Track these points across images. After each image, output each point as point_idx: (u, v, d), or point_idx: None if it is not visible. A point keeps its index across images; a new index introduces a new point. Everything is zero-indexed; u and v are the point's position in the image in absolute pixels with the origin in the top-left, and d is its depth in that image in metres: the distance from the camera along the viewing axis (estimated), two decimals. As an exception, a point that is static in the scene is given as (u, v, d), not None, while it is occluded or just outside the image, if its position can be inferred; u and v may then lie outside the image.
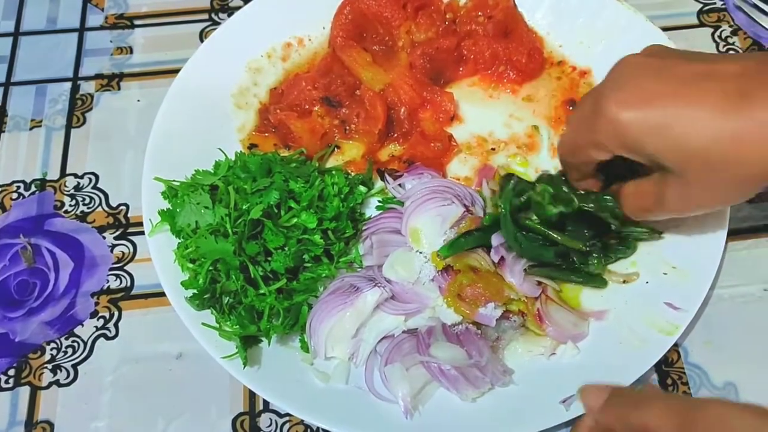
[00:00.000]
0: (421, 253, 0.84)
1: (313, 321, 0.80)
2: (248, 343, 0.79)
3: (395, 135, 0.97)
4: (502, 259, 0.83)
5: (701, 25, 1.09)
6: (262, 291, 0.79)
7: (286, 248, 0.80)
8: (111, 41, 1.09)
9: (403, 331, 0.81)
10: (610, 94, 0.68)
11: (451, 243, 0.82)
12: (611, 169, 0.77)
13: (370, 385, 0.79)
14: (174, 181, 0.86)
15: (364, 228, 0.88)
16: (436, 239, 0.84)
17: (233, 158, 0.88)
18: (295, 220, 0.81)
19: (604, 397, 0.65)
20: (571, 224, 0.83)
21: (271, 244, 0.79)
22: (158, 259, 0.84)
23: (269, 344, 0.81)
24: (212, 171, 0.86)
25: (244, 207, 0.80)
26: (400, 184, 0.91)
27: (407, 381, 0.77)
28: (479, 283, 0.80)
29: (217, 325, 0.79)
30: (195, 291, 0.79)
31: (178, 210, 0.83)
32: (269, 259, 0.79)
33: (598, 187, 0.80)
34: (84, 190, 0.96)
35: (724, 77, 0.64)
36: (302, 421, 0.80)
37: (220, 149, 0.89)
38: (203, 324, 0.79)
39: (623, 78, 0.69)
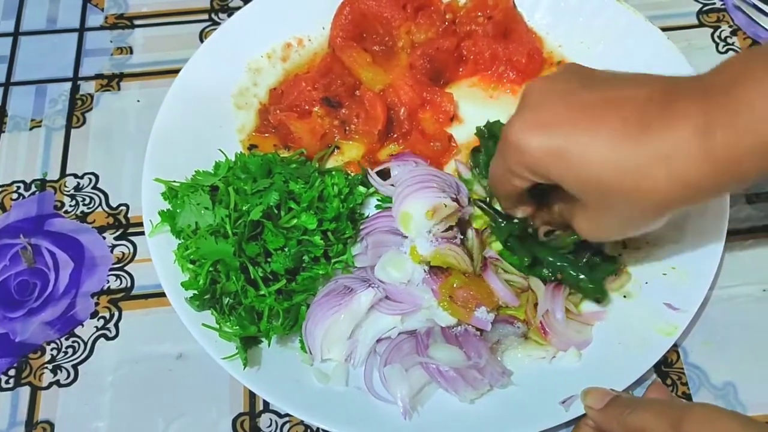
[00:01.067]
0: (406, 237, 0.84)
1: (308, 323, 0.80)
2: (248, 343, 0.79)
3: (395, 135, 0.97)
4: (485, 265, 0.83)
5: (701, 25, 1.09)
6: (262, 292, 0.79)
7: (286, 249, 0.80)
8: (111, 41, 1.09)
9: (403, 332, 0.81)
10: (515, 120, 0.67)
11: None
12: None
13: (369, 385, 0.79)
14: (174, 181, 0.86)
15: (361, 228, 0.88)
16: (423, 228, 0.83)
17: (233, 159, 0.88)
18: (295, 221, 0.81)
19: (605, 400, 0.69)
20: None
21: (271, 245, 0.79)
22: (158, 259, 0.84)
23: (269, 345, 0.81)
24: (212, 172, 0.86)
25: (244, 208, 0.80)
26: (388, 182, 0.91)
27: (406, 382, 0.77)
28: (471, 286, 0.80)
29: (218, 326, 0.79)
30: (195, 292, 0.79)
31: (178, 211, 0.83)
32: (269, 260, 0.79)
33: (530, 213, 0.81)
34: (84, 190, 0.96)
35: (625, 104, 0.63)
36: (302, 421, 0.80)
37: (220, 150, 0.89)
38: (203, 325, 0.79)
39: (529, 103, 0.69)
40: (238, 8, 1.03)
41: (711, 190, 0.62)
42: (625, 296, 0.84)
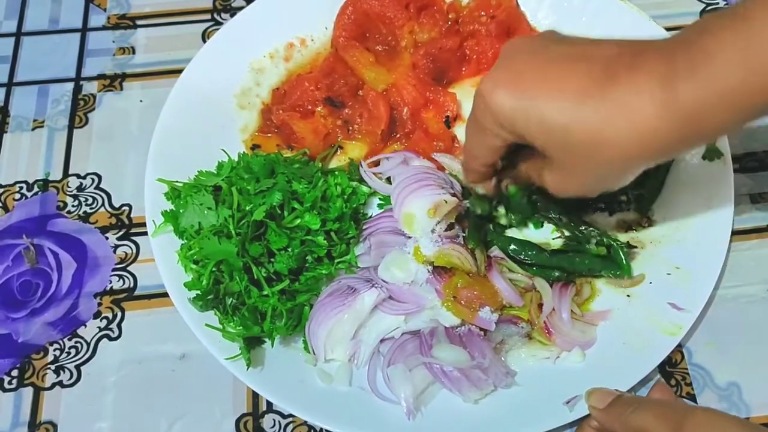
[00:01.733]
0: (410, 238, 0.84)
1: (311, 324, 0.80)
2: (251, 344, 0.79)
3: (398, 135, 0.97)
4: (490, 264, 0.83)
5: (704, 24, 1.08)
6: (265, 292, 0.79)
7: (290, 249, 0.80)
8: (113, 41, 1.09)
9: (406, 332, 0.81)
10: (488, 75, 0.67)
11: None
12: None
13: (372, 386, 0.79)
14: (177, 182, 0.86)
15: (364, 228, 0.87)
16: (427, 228, 0.84)
17: (236, 159, 0.88)
18: (298, 221, 0.80)
19: (608, 400, 0.69)
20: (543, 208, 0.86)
21: (275, 245, 0.79)
22: (161, 260, 0.84)
23: (272, 345, 0.81)
24: (215, 172, 0.86)
25: (247, 208, 0.80)
26: (377, 174, 0.92)
27: (410, 382, 0.77)
28: (475, 286, 0.80)
29: (221, 327, 0.79)
30: (198, 292, 0.79)
31: (181, 211, 0.83)
32: (272, 260, 0.79)
33: (491, 191, 0.82)
34: (87, 190, 0.96)
35: (594, 58, 0.63)
36: (305, 422, 0.80)
37: (223, 150, 0.89)
38: (206, 325, 0.79)
39: (502, 60, 0.69)
40: (241, 8, 1.03)
41: (673, 143, 0.62)
42: (629, 296, 0.84)
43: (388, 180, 0.92)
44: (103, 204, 0.95)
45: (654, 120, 0.59)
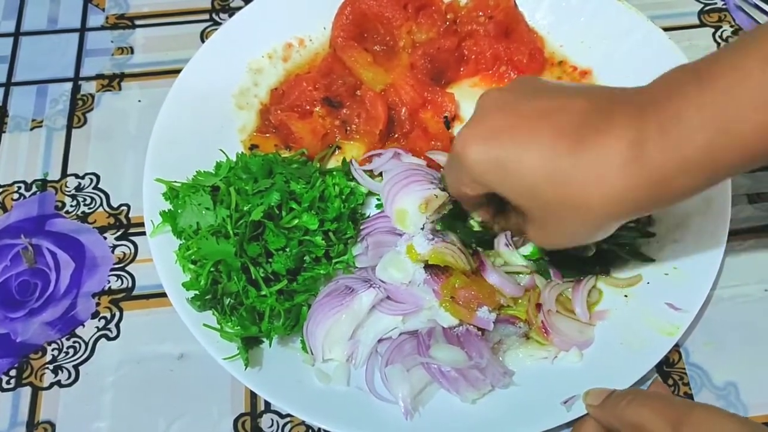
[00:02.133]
0: (401, 236, 0.84)
1: (309, 324, 0.80)
2: (249, 344, 0.79)
3: (396, 135, 0.97)
4: (481, 262, 0.83)
5: (702, 25, 1.09)
6: (263, 292, 0.79)
7: (288, 249, 0.79)
8: (112, 41, 1.09)
9: (404, 332, 0.81)
10: (463, 130, 0.68)
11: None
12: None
13: (370, 385, 0.79)
14: (175, 182, 0.86)
15: (361, 228, 0.88)
16: (419, 223, 0.84)
17: (234, 159, 0.88)
18: (296, 221, 0.80)
19: (604, 396, 0.69)
20: None
21: (273, 245, 0.79)
22: (160, 260, 0.84)
23: (270, 345, 0.81)
24: (213, 172, 0.86)
25: (245, 208, 0.79)
26: (366, 171, 0.92)
27: (408, 382, 0.76)
28: (472, 286, 0.80)
29: (219, 327, 0.79)
30: (196, 292, 0.79)
31: (179, 211, 0.83)
32: (270, 260, 0.79)
33: (488, 218, 0.82)
34: (85, 190, 0.96)
35: (561, 114, 0.63)
36: (303, 421, 0.80)
37: (221, 150, 0.89)
38: (204, 325, 0.79)
39: (476, 114, 0.69)
40: (239, 8, 1.03)
41: (643, 205, 0.62)
42: (626, 296, 0.84)
43: (381, 177, 0.92)
44: (101, 204, 0.95)
45: (623, 183, 0.60)
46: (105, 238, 0.93)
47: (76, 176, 0.97)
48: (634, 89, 0.63)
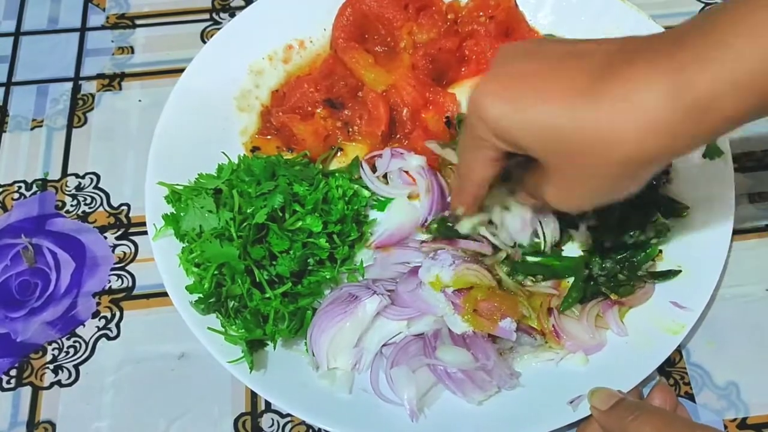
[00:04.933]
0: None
1: (313, 332, 0.79)
2: (254, 347, 0.79)
3: (398, 136, 0.97)
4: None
5: (703, 25, 1.09)
6: (267, 295, 0.79)
7: (291, 252, 0.79)
8: (112, 41, 1.08)
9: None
10: (480, 83, 0.63)
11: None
12: None
13: (375, 387, 0.79)
14: (177, 185, 0.86)
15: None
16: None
17: (236, 161, 0.87)
18: (299, 223, 0.80)
19: (611, 402, 0.69)
20: None
21: (276, 247, 0.78)
22: (163, 263, 0.83)
23: (274, 348, 0.80)
24: (216, 174, 0.86)
25: (248, 211, 0.79)
26: (378, 175, 0.92)
27: (413, 383, 0.76)
28: (495, 297, 0.79)
29: (223, 329, 0.79)
30: (200, 295, 0.79)
31: (182, 214, 0.82)
32: (274, 262, 0.79)
33: (471, 214, 0.81)
34: (85, 190, 0.96)
35: (591, 55, 0.58)
36: (304, 421, 0.80)
37: (223, 153, 0.89)
38: (209, 328, 0.79)
39: (495, 66, 0.64)
40: (240, 8, 1.03)
41: (686, 138, 0.56)
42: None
43: (386, 179, 0.93)
44: (101, 204, 0.95)
45: (664, 114, 0.54)
46: (105, 237, 0.93)
47: (77, 176, 0.97)
48: (662, 32, 0.59)
